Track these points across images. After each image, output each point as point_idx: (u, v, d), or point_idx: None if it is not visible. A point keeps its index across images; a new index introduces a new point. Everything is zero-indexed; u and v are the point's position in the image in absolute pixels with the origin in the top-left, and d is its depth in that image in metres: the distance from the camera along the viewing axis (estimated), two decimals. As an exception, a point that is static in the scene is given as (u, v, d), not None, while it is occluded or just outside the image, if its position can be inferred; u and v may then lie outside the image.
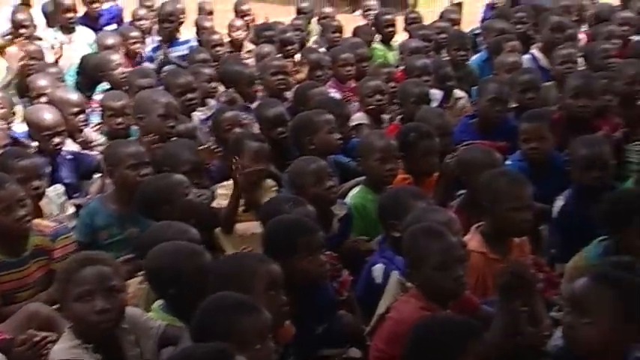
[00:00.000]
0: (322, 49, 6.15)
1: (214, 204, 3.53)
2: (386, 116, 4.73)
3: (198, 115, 4.64)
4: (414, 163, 3.71)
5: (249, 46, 6.53)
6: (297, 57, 5.90)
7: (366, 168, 3.65)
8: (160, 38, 6.32)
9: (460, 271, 2.47)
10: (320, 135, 3.77)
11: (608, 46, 5.24)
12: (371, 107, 4.59)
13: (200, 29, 6.76)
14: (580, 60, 5.31)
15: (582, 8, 6.63)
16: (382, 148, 3.56)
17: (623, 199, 3.00)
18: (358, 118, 4.61)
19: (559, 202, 3.52)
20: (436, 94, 4.95)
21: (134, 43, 5.97)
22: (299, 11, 7.31)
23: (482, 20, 7.42)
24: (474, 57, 6.16)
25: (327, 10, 7.24)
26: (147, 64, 5.89)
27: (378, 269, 2.95)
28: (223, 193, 3.52)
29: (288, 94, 4.96)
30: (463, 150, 3.65)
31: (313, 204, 3.05)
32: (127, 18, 7.10)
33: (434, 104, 4.80)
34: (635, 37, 5.92)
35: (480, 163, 3.37)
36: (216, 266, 2.44)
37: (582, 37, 6.13)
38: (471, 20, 8.63)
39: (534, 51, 5.69)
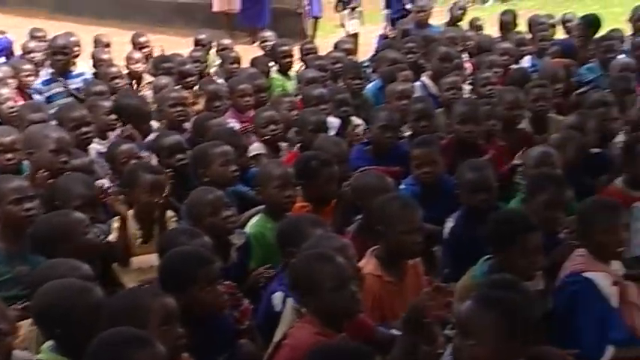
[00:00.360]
0: (221, 80, 6.12)
1: (110, 238, 3.43)
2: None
3: (97, 148, 4.50)
4: (315, 190, 3.71)
5: (148, 78, 6.41)
6: (197, 88, 5.83)
7: (264, 196, 3.64)
8: (52, 71, 6.11)
9: (354, 287, 2.50)
10: (213, 168, 3.73)
11: (489, 74, 5.46)
12: (266, 137, 4.59)
13: (97, 62, 6.60)
14: (468, 87, 5.57)
15: (466, 39, 6.85)
16: (280, 176, 3.56)
17: (506, 219, 3.12)
18: (256, 148, 4.60)
19: (449, 224, 3.64)
20: (334, 121, 5.00)
21: (27, 76, 5.78)
22: (197, 43, 7.23)
23: (376, 51, 7.60)
24: (369, 85, 6.29)
25: (226, 41, 7.20)
26: (36, 97, 5.68)
27: (277, 297, 2.93)
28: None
29: (188, 125, 4.89)
30: (357, 176, 3.71)
31: (210, 234, 3.01)
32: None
33: (332, 132, 4.86)
34: (514, 66, 6.20)
35: (373, 189, 3.43)
36: (110, 303, 2.36)
37: (468, 65, 6.36)
38: (366, 50, 8.85)
39: (424, 79, 5.86)
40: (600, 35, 6.68)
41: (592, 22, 6.87)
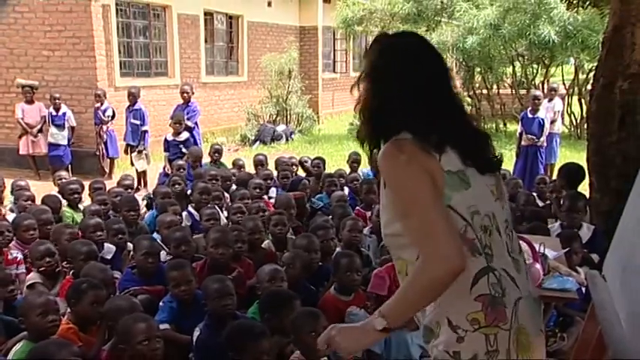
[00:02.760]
0: (14, 215, 5.65)
1: None
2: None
3: None
4: (82, 312, 3.39)
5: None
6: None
7: (28, 324, 3.23)
8: None
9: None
10: None
11: (241, 204, 5.51)
12: (42, 268, 4.18)
13: None
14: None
15: (228, 178, 6.90)
16: (42, 304, 3.21)
17: (241, 327, 3.05)
18: (32, 277, 4.18)
19: (196, 332, 3.47)
20: (111, 247, 4.76)
21: None
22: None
23: (158, 184, 7.49)
24: (147, 215, 6.11)
25: (21, 182, 6.58)
26: None
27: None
28: None
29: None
30: (109, 300, 3.47)
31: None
32: None
33: (108, 256, 4.60)
34: (267, 196, 6.37)
35: (123, 310, 3.23)
36: None
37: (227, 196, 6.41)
38: (152, 184, 8.70)
39: (190, 208, 5.81)
40: (328, 173, 7.16)
41: (323, 161, 7.35)
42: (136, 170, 9.09)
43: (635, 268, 2.04)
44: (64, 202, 6.05)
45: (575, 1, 6.91)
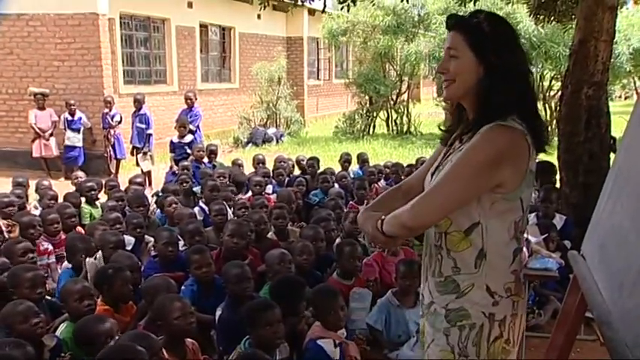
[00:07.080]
0: (38, 211, 5.67)
1: None
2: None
3: None
4: (113, 293, 3.51)
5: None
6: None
7: (69, 309, 3.35)
8: None
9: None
10: (20, 290, 3.34)
11: (244, 199, 5.63)
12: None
13: None
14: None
15: (223, 175, 6.88)
16: (79, 290, 3.33)
17: (251, 304, 3.17)
18: (65, 266, 4.29)
19: (218, 312, 3.61)
20: (131, 239, 4.84)
21: None
22: (16, 184, 6.59)
23: (165, 182, 7.59)
24: (158, 210, 6.19)
25: (45, 182, 6.62)
26: None
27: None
28: None
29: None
30: (147, 280, 3.60)
31: (23, 338, 2.68)
32: None
33: (128, 247, 4.68)
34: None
35: (160, 288, 3.37)
36: None
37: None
38: (158, 182, 8.76)
39: (201, 204, 5.91)
40: (320, 171, 7.31)
41: (318, 161, 7.50)
42: (142, 170, 9.14)
43: (612, 244, 2.24)
44: (82, 199, 6.13)
45: (541, 17, 7.21)
